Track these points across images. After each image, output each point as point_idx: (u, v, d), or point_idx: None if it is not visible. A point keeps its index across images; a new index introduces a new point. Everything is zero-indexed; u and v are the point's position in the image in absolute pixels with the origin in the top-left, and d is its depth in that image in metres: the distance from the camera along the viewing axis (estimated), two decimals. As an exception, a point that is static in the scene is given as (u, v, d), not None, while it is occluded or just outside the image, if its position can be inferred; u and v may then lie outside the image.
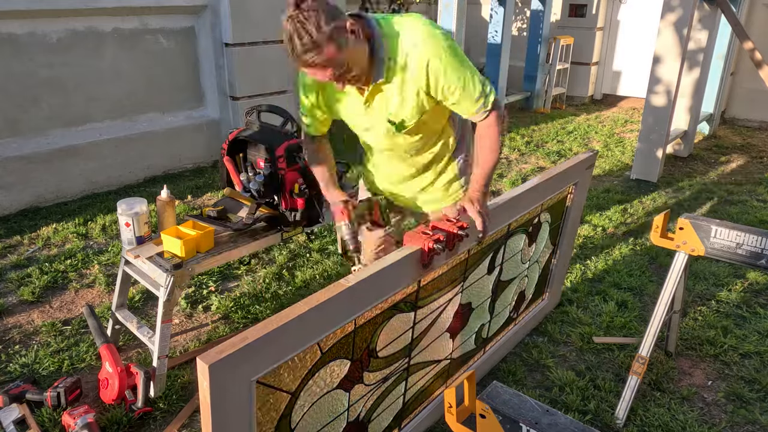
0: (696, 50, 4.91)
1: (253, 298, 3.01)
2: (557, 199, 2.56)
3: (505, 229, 2.19)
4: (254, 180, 2.42)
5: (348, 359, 1.65)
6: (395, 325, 1.79)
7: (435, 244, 1.68)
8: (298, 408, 1.54)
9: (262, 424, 1.44)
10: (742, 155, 5.56)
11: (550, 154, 5.51)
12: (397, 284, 1.68)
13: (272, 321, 1.33)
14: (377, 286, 1.60)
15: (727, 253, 2.06)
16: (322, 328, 1.46)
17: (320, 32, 1.50)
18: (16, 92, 3.92)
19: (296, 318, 1.35)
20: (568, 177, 2.50)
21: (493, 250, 2.19)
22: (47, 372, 2.43)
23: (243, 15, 4.71)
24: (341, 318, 1.52)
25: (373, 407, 1.86)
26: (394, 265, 1.62)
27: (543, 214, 2.50)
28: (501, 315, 2.48)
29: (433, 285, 1.89)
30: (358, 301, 1.55)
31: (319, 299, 1.42)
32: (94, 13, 4.14)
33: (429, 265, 1.73)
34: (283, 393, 1.47)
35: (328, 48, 1.52)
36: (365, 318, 1.64)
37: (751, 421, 2.22)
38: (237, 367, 1.26)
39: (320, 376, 1.57)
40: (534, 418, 1.36)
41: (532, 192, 2.24)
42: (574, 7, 7.51)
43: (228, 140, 2.52)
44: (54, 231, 3.69)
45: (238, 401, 1.31)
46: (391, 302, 1.72)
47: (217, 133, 5.03)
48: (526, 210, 2.27)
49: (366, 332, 1.67)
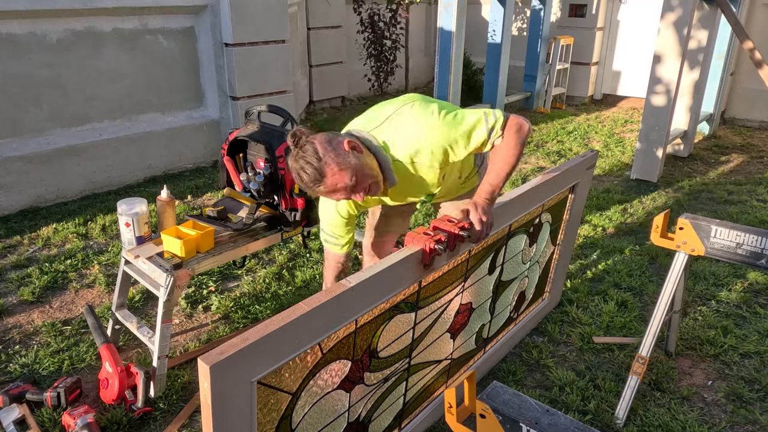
0: (696, 50, 4.91)
1: (253, 298, 3.01)
2: (558, 199, 2.56)
3: (506, 230, 2.19)
4: (254, 180, 2.42)
5: (349, 360, 1.65)
6: (396, 325, 1.79)
7: (436, 245, 1.68)
8: (298, 408, 1.54)
9: (263, 425, 1.44)
10: (742, 155, 5.56)
11: (550, 154, 5.51)
12: (399, 285, 1.68)
13: (273, 321, 1.33)
14: (378, 287, 1.60)
15: (727, 253, 2.06)
16: (323, 328, 1.46)
17: (321, 161, 1.62)
18: (16, 92, 3.92)
19: (297, 318, 1.35)
20: (569, 177, 2.50)
21: (494, 250, 2.19)
22: (47, 372, 2.43)
23: (243, 15, 4.71)
24: (342, 318, 1.52)
25: (374, 407, 1.86)
26: (396, 265, 1.62)
27: (544, 215, 2.49)
28: (501, 315, 2.48)
29: (434, 285, 1.89)
30: (360, 301, 1.55)
31: (321, 300, 1.41)
32: (94, 13, 4.14)
33: (430, 265, 1.73)
34: (284, 393, 1.47)
35: (331, 172, 1.64)
36: (366, 318, 1.64)
37: (751, 421, 2.22)
38: (238, 367, 1.26)
39: (321, 377, 1.57)
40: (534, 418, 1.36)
41: (533, 192, 2.24)
42: (574, 7, 7.51)
43: (228, 140, 2.52)
44: (54, 231, 3.69)
45: (239, 402, 1.31)
46: (392, 303, 1.72)
47: (217, 133, 5.03)
48: (527, 210, 2.27)
49: (367, 333, 1.67)
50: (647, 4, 7.19)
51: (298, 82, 6.18)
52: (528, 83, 7.46)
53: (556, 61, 7.29)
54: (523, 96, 7.44)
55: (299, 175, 1.66)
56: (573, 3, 7.49)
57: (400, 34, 6.95)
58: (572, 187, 2.61)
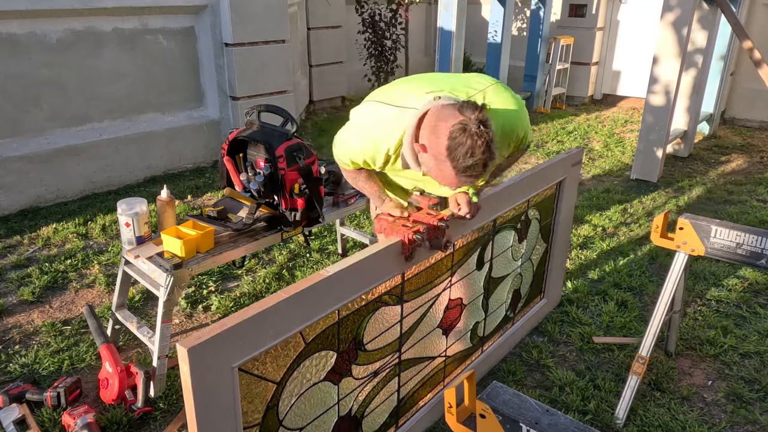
0: (696, 50, 4.91)
1: (253, 298, 3.01)
2: (545, 195, 2.58)
3: (491, 225, 2.21)
4: (254, 180, 2.42)
5: (334, 351, 1.67)
6: (382, 318, 1.81)
7: (415, 235, 1.70)
8: (285, 398, 1.55)
9: (248, 414, 1.46)
10: (742, 155, 5.56)
11: (550, 154, 5.51)
12: (379, 276, 1.70)
13: (251, 308, 1.36)
14: (358, 277, 1.62)
15: (727, 253, 2.06)
16: (303, 317, 1.49)
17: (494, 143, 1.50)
18: (16, 92, 3.92)
19: (274, 305, 1.38)
20: (553, 173, 2.53)
21: (481, 245, 2.20)
22: (47, 372, 2.43)
23: (243, 15, 4.71)
24: (322, 308, 1.54)
25: (366, 402, 1.87)
26: (375, 255, 1.64)
27: (531, 211, 2.51)
28: (496, 313, 2.48)
29: (418, 279, 1.91)
30: (339, 291, 1.57)
31: (298, 288, 1.44)
32: (94, 13, 4.14)
33: (411, 257, 1.75)
34: (269, 382, 1.49)
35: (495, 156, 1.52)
36: (349, 309, 1.66)
37: (751, 421, 2.22)
38: (216, 352, 1.28)
39: (306, 367, 1.59)
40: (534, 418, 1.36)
41: (516, 188, 2.27)
42: (574, 7, 7.51)
43: (228, 140, 2.52)
44: (54, 231, 3.69)
45: (220, 387, 1.32)
46: (376, 294, 1.74)
47: (217, 133, 5.03)
48: (512, 205, 2.29)
49: (351, 324, 1.69)
50: (647, 4, 7.19)
51: (298, 82, 6.17)
52: (528, 83, 7.46)
53: (556, 61, 7.29)
54: (523, 96, 7.43)
55: (470, 152, 1.46)
56: (573, 3, 7.49)
57: (401, 34, 6.95)
58: (559, 183, 2.63)
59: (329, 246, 3.54)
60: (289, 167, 2.40)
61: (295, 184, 2.43)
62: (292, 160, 2.41)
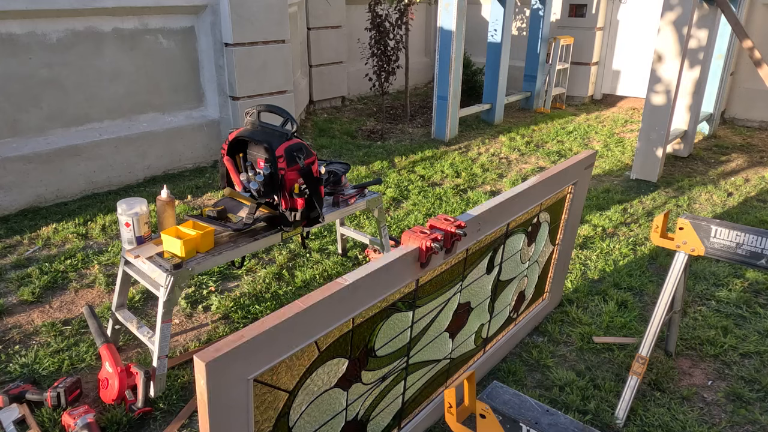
0: (696, 50, 4.91)
1: (253, 298, 3.01)
2: (556, 198, 2.56)
3: (504, 229, 2.19)
4: (254, 180, 2.42)
5: (346, 358, 1.65)
6: (393, 324, 1.79)
7: (433, 243, 1.68)
8: (296, 406, 1.54)
9: (260, 423, 1.44)
10: (742, 155, 5.56)
11: (550, 154, 5.51)
12: (395, 283, 1.68)
13: (269, 319, 1.33)
14: (375, 285, 1.60)
15: (727, 253, 2.06)
16: (319, 326, 1.46)
17: None
18: (16, 92, 3.92)
19: (293, 316, 1.36)
20: (567, 176, 2.50)
21: (492, 249, 2.19)
22: (47, 372, 2.43)
23: (243, 15, 4.71)
24: (339, 317, 1.52)
25: (372, 406, 1.86)
26: (392, 263, 1.62)
27: (542, 214, 2.50)
28: (501, 315, 2.48)
29: (431, 284, 1.89)
30: (356, 299, 1.55)
31: (317, 298, 1.42)
32: (94, 13, 4.14)
33: (427, 264, 1.73)
34: (281, 392, 1.47)
35: None
36: (363, 317, 1.64)
37: (751, 421, 2.22)
38: (234, 365, 1.26)
39: (318, 375, 1.57)
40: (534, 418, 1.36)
41: (530, 191, 2.24)
42: (574, 7, 7.51)
43: (228, 140, 2.52)
44: (54, 231, 3.69)
45: (236, 399, 1.31)
46: (390, 301, 1.72)
47: (217, 133, 5.03)
48: (525, 209, 2.27)
49: (364, 331, 1.67)
50: (647, 4, 7.20)
51: (298, 82, 6.17)
52: (528, 83, 7.46)
53: (556, 61, 7.29)
54: (523, 96, 7.44)
55: None
56: (573, 3, 7.49)
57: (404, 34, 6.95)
58: (571, 186, 2.61)
59: (329, 246, 3.54)
60: (289, 167, 2.40)
61: (295, 184, 2.43)
62: (292, 160, 2.41)
